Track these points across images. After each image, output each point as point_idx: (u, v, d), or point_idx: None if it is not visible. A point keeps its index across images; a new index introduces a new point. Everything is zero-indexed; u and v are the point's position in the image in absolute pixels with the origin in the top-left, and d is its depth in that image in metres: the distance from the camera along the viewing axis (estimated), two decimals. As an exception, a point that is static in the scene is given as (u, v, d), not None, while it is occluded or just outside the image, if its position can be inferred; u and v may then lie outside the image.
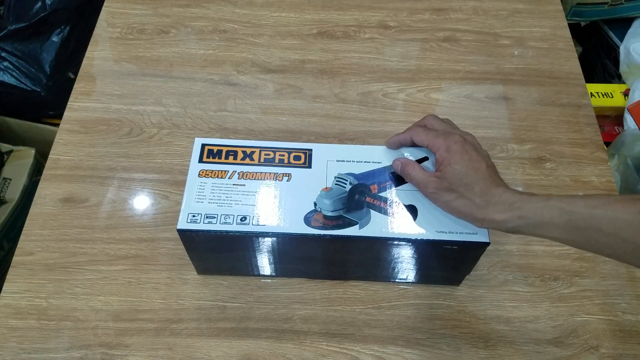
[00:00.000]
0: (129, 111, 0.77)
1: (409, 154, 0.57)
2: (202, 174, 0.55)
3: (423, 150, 0.56)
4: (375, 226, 0.52)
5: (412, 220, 0.53)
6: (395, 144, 0.57)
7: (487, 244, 0.52)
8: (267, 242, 0.54)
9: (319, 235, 0.52)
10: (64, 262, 0.64)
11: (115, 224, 0.67)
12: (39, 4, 1.19)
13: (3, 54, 1.20)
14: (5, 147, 1.18)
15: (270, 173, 0.56)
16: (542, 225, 0.45)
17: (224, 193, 0.54)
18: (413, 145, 0.56)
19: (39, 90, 1.22)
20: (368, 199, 0.54)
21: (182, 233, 0.53)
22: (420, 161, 0.56)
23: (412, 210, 0.53)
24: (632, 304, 0.63)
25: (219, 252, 0.58)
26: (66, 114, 0.77)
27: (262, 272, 0.63)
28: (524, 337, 0.61)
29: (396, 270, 0.60)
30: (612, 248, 0.43)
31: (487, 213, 0.47)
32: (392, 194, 0.54)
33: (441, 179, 0.49)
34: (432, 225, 0.52)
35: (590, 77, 1.44)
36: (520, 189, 0.70)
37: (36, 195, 0.69)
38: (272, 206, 0.53)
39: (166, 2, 0.90)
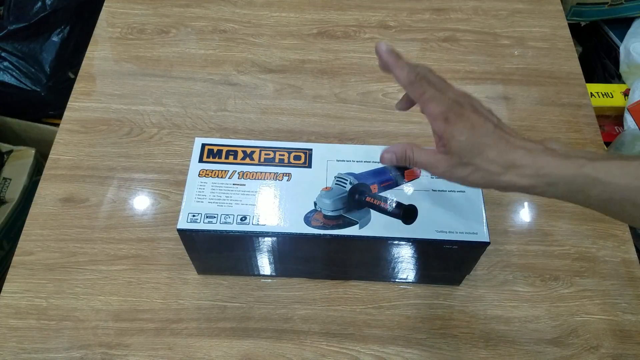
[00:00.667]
0: (129, 111, 0.77)
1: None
2: (202, 173, 0.55)
3: None
4: (375, 226, 0.52)
5: (411, 223, 0.53)
6: (385, 62, 0.49)
7: (487, 243, 0.52)
8: (267, 242, 0.54)
9: (319, 235, 0.52)
10: (64, 262, 0.64)
11: (115, 224, 0.67)
12: (39, 4, 1.19)
13: (3, 54, 1.20)
14: (5, 147, 1.18)
15: (270, 173, 0.56)
16: (571, 194, 0.41)
17: (224, 193, 0.54)
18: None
19: (39, 90, 1.21)
20: (368, 199, 0.54)
21: (182, 233, 0.53)
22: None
23: (411, 212, 0.53)
24: (632, 304, 0.63)
25: (219, 252, 0.58)
26: (66, 114, 0.77)
27: (262, 272, 0.63)
28: (524, 337, 0.61)
29: (396, 270, 0.60)
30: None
31: (510, 179, 0.42)
32: (392, 193, 0.54)
33: (450, 155, 0.43)
34: (432, 225, 0.52)
35: (590, 77, 1.44)
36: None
37: (36, 195, 0.69)
38: (272, 206, 0.53)
39: (166, 2, 0.90)
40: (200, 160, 0.56)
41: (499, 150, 0.42)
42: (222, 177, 0.55)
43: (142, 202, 0.69)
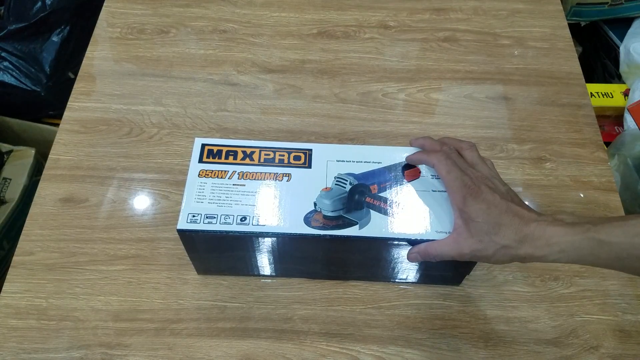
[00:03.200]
0: (129, 111, 0.77)
1: (408, 154, 0.56)
2: (202, 174, 0.55)
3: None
4: (375, 226, 0.52)
5: (411, 223, 0.53)
6: (416, 163, 0.56)
7: (487, 244, 0.52)
8: (267, 242, 0.54)
9: (319, 235, 0.52)
10: (64, 262, 0.64)
11: (115, 224, 0.67)
12: (39, 4, 1.19)
13: (3, 54, 1.20)
14: (5, 147, 1.18)
15: (270, 173, 0.56)
16: (582, 258, 0.45)
17: (224, 193, 0.54)
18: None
19: (39, 90, 1.22)
20: (368, 199, 0.54)
21: (182, 233, 0.53)
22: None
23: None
24: (632, 304, 0.63)
25: (219, 252, 0.58)
26: (66, 114, 0.77)
27: (262, 272, 0.63)
28: (524, 337, 0.61)
29: (396, 270, 0.60)
30: None
31: (527, 251, 0.46)
32: (392, 194, 0.54)
33: (471, 238, 0.48)
34: (432, 225, 0.52)
35: (590, 77, 1.44)
36: (520, 189, 0.70)
37: (36, 195, 0.69)
38: (272, 206, 0.53)
39: (166, 2, 0.90)
40: (200, 161, 0.56)
41: (514, 228, 0.47)
42: (222, 178, 0.55)
43: (142, 202, 0.69)
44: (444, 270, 0.60)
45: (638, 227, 0.43)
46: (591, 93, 1.22)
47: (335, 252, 0.57)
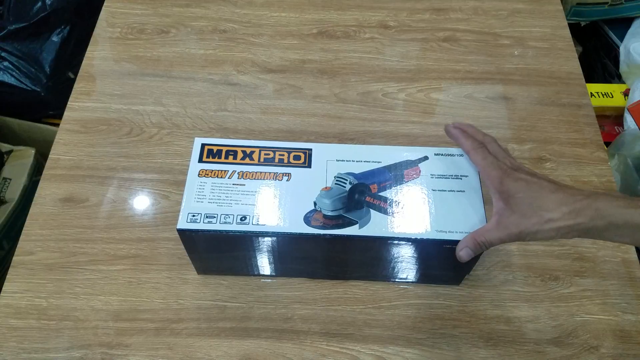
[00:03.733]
0: (129, 111, 0.77)
1: (408, 154, 0.57)
2: (202, 173, 0.55)
3: (423, 149, 0.57)
4: (375, 226, 0.52)
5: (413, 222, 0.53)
6: (452, 137, 0.56)
7: (487, 243, 0.52)
8: (267, 242, 0.54)
9: (319, 235, 0.52)
10: (64, 262, 0.64)
11: (115, 224, 0.67)
12: (39, 4, 1.19)
13: (3, 54, 1.20)
14: (5, 147, 1.18)
15: (270, 173, 0.56)
16: (633, 233, 0.43)
17: (223, 193, 0.54)
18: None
19: (39, 90, 1.21)
20: (368, 199, 0.54)
21: (182, 233, 0.53)
22: (420, 161, 0.56)
23: None
24: (632, 304, 0.63)
25: (219, 252, 0.58)
26: (66, 113, 0.77)
27: (262, 272, 0.63)
28: (524, 337, 0.61)
29: (396, 270, 0.60)
30: None
31: (574, 222, 0.44)
32: (392, 193, 0.54)
33: (514, 215, 0.47)
34: (432, 225, 0.52)
35: (590, 77, 1.44)
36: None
37: (36, 195, 0.69)
38: (272, 206, 0.53)
39: (166, 2, 0.90)
40: (200, 160, 0.56)
41: (557, 200, 0.45)
42: (221, 177, 0.55)
43: (142, 202, 0.69)
44: (444, 270, 0.60)
45: None
46: (591, 93, 1.22)
47: (335, 251, 0.57)
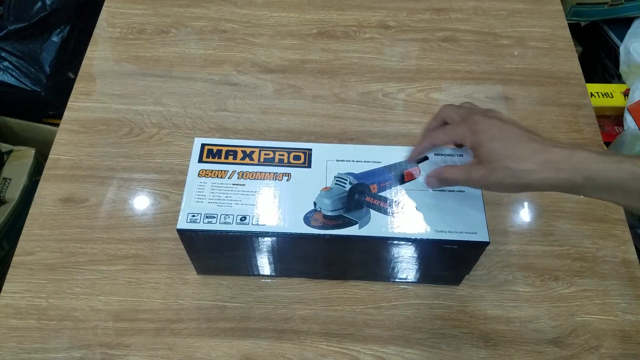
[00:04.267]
0: (129, 111, 0.77)
1: (408, 154, 0.57)
2: (202, 173, 0.55)
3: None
4: (375, 226, 0.52)
5: (412, 220, 0.53)
6: (417, 156, 0.54)
7: (487, 243, 0.52)
8: (267, 242, 0.54)
9: (319, 235, 0.52)
10: (64, 262, 0.64)
11: (115, 224, 0.67)
12: (39, 4, 1.19)
13: (3, 54, 1.20)
14: (5, 147, 1.18)
15: (270, 173, 0.56)
16: (610, 188, 0.40)
17: (223, 193, 0.54)
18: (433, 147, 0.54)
19: (39, 90, 1.21)
20: (368, 199, 0.54)
21: (182, 233, 0.53)
22: (420, 161, 0.56)
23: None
24: (632, 304, 0.63)
25: (219, 252, 0.58)
26: (66, 114, 0.77)
27: (262, 272, 0.63)
28: (524, 337, 0.61)
29: (396, 270, 0.60)
30: None
31: (548, 175, 0.42)
32: (392, 193, 0.54)
33: (482, 163, 0.44)
34: (432, 225, 0.52)
35: (590, 77, 1.44)
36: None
37: (36, 195, 0.69)
38: (272, 206, 0.53)
39: (166, 2, 0.90)
40: (200, 160, 0.56)
41: (531, 149, 0.42)
42: (221, 177, 0.55)
43: (142, 202, 0.69)
44: (444, 270, 0.60)
45: None
46: (591, 93, 1.22)
47: (335, 251, 0.57)
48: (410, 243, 0.53)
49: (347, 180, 0.55)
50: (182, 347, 0.59)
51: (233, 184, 0.55)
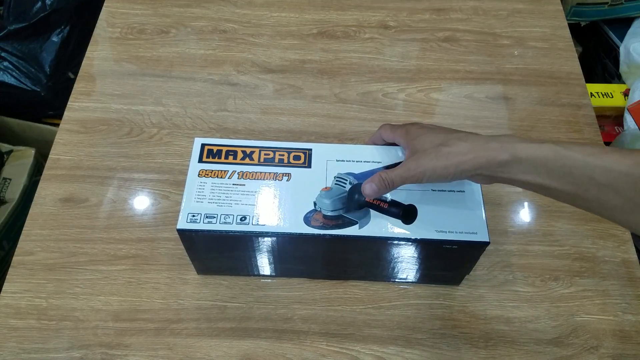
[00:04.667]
0: (129, 111, 0.77)
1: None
2: (202, 173, 0.55)
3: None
4: (374, 226, 0.52)
5: (411, 222, 0.53)
6: (371, 143, 0.58)
7: (487, 243, 0.52)
8: (267, 242, 0.54)
9: (319, 235, 0.52)
10: (64, 262, 0.64)
11: (115, 224, 0.67)
12: (39, 4, 1.19)
13: (3, 54, 1.20)
14: (5, 147, 1.18)
15: (270, 173, 0.56)
16: (535, 167, 0.42)
17: (223, 193, 0.54)
18: (385, 143, 0.57)
19: (39, 90, 1.22)
20: (368, 199, 0.54)
21: (182, 233, 0.53)
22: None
23: (411, 212, 0.53)
24: (632, 304, 0.63)
25: (219, 252, 0.58)
26: (66, 114, 0.77)
27: (262, 272, 0.63)
28: (524, 337, 0.61)
29: (396, 270, 0.60)
30: (601, 201, 0.41)
31: (475, 154, 0.44)
32: (392, 193, 0.54)
33: (414, 154, 0.47)
34: (432, 225, 0.52)
35: (590, 77, 1.44)
36: (519, 189, 0.70)
37: (36, 195, 0.69)
38: (272, 206, 0.53)
39: (166, 2, 0.90)
40: (200, 161, 0.56)
41: (458, 137, 0.46)
42: (221, 177, 0.55)
43: (142, 202, 0.69)
44: (443, 270, 0.60)
45: (595, 149, 0.41)
46: (591, 93, 1.22)
47: (335, 251, 0.57)
48: (410, 243, 0.53)
49: (347, 180, 0.55)
50: (182, 347, 0.59)
51: (233, 184, 0.55)
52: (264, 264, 0.60)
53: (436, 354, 0.59)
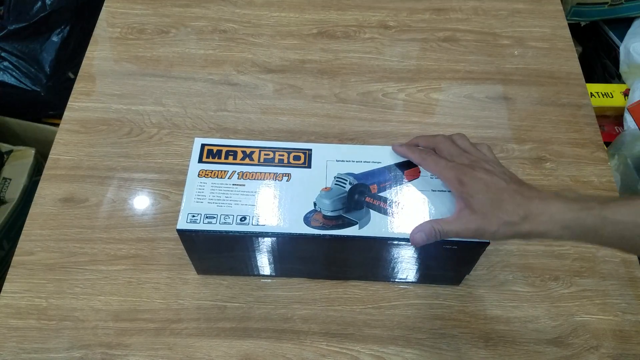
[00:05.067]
0: (129, 111, 0.77)
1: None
2: (202, 174, 0.55)
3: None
4: (374, 226, 0.52)
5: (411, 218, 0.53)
6: (401, 155, 0.57)
7: (487, 243, 0.52)
8: (266, 242, 0.54)
9: (319, 235, 0.52)
10: (64, 262, 0.64)
11: (115, 224, 0.67)
12: (39, 4, 1.19)
13: (3, 54, 1.20)
14: (5, 147, 1.18)
15: (270, 173, 0.56)
16: (586, 234, 0.45)
17: (223, 193, 0.54)
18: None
19: (39, 90, 1.21)
20: (368, 199, 0.54)
21: (182, 233, 0.53)
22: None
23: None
24: (632, 304, 0.63)
25: (219, 252, 0.58)
26: (66, 114, 0.77)
27: (262, 272, 0.63)
28: (524, 337, 0.61)
29: (396, 270, 0.60)
30: None
31: (530, 227, 0.46)
32: (392, 193, 0.54)
33: (475, 214, 0.47)
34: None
35: (590, 77, 1.44)
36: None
37: (36, 195, 0.69)
38: (272, 206, 0.53)
39: (166, 2, 0.90)
40: (200, 161, 0.56)
41: (515, 203, 0.46)
42: (221, 178, 0.55)
43: (142, 202, 0.69)
44: (443, 270, 0.60)
45: None
46: (591, 93, 1.22)
47: (335, 252, 0.57)
48: (410, 243, 0.53)
49: (347, 180, 0.55)
50: (182, 347, 0.59)
51: (233, 184, 0.55)
52: (264, 264, 0.60)
53: (436, 354, 0.59)
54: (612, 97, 1.24)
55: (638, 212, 0.43)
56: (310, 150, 0.57)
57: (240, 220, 0.53)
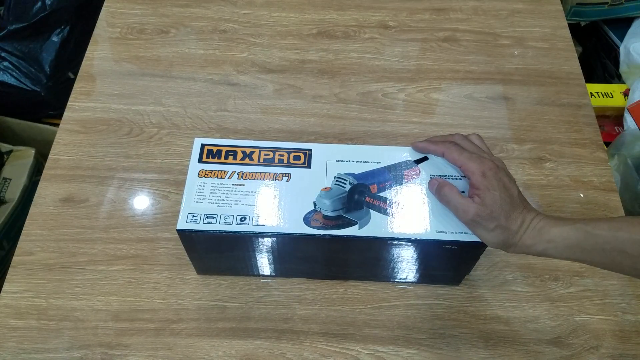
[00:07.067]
0: (129, 111, 0.77)
1: (408, 154, 0.57)
2: (202, 174, 0.55)
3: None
4: (374, 226, 0.52)
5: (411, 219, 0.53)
6: (422, 151, 0.57)
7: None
8: (266, 242, 0.54)
9: (319, 235, 0.52)
10: (64, 262, 0.64)
11: (115, 224, 0.67)
12: (39, 4, 1.19)
13: (3, 54, 1.20)
14: (5, 147, 1.18)
15: (269, 173, 0.56)
16: (569, 248, 0.47)
17: (223, 193, 0.54)
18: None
19: (39, 90, 1.21)
20: (368, 199, 0.54)
21: (182, 233, 0.53)
22: (419, 161, 0.56)
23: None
24: (632, 304, 0.63)
25: (219, 252, 0.58)
26: (66, 114, 0.77)
27: (262, 272, 0.63)
28: (524, 337, 0.61)
29: (396, 270, 0.60)
30: (635, 268, 0.46)
31: (520, 238, 0.48)
32: (392, 193, 0.54)
33: (483, 206, 0.49)
34: (432, 225, 0.52)
35: (590, 77, 1.44)
36: (520, 189, 0.70)
37: (36, 195, 0.69)
38: (272, 206, 0.53)
39: (166, 2, 0.90)
40: (200, 161, 0.56)
41: (521, 214, 0.49)
42: (221, 178, 0.55)
43: (142, 202, 0.69)
44: (443, 270, 0.60)
45: (623, 223, 0.46)
46: (591, 93, 1.22)
47: (335, 252, 0.57)
48: (410, 243, 0.53)
49: (347, 180, 0.55)
50: (182, 347, 0.59)
51: (233, 184, 0.55)
52: (264, 264, 0.60)
53: (436, 354, 0.59)
54: (612, 97, 1.24)
55: (617, 227, 0.45)
56: (310, 150, 0.57)
57: (240, 220, 0.53)
